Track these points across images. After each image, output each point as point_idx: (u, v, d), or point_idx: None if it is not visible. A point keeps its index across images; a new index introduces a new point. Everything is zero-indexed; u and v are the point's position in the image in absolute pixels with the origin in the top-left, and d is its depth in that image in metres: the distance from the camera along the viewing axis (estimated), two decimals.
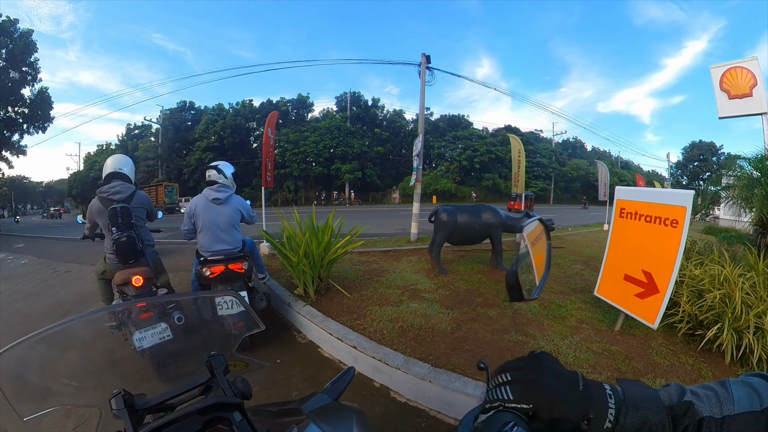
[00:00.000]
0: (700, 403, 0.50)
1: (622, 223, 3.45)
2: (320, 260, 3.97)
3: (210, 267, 3.19)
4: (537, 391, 0.52)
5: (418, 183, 9.16)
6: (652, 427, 0.49)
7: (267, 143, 7.65)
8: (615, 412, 0.50)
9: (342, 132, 38.25)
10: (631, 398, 0.51)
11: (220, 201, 3.37)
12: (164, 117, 41.15)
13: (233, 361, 0.85)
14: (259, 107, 41.50)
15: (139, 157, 39.86)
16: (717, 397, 0.51)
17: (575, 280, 4.99)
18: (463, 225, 5.13)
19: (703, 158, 52.78)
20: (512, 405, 0.52)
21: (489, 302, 3.92)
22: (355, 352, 2.90)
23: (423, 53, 9.33)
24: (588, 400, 0.51)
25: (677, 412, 0.50)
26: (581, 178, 46.58)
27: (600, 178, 13.64)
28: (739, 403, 0.49)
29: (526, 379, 0.53)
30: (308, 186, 38.72)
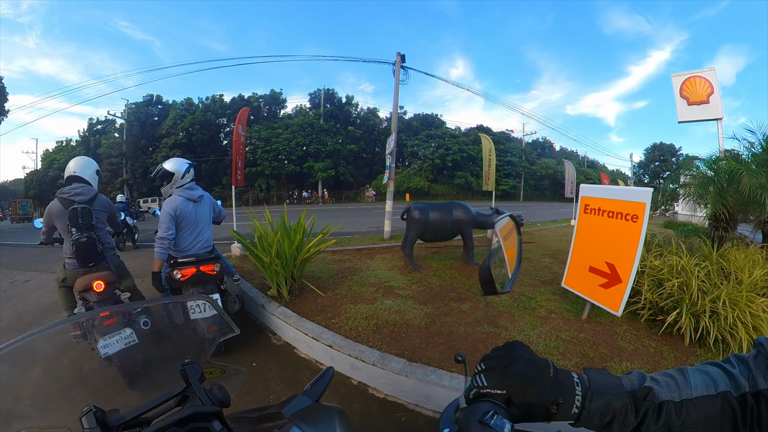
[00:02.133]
0: (660, 389, 0.55)
1: (587, 218, 3.61)
2: (293, 260, 3.91)
3: (181, 269, 3.07)
4: (511, 377, 0.54)
5: (391, 181, 9.17)
6: (615, 411, 0.53)
7: (237, 140, 7.47)
8: (581, 398, 0.53)
9: (315, 129, 37.61)
10: (596, 385, 0.55)
11: (201, 199, 3.32)
12: (129, 111, 38.85)
13: (209, 368, 0.84)
14: (230, 102, 40.14)
15: (101, 155, 37.50)
16: (676, 383, 0.55)
17: (544, 273, 5.17)
18: (435, 222, 5.20)
19: (664, 159, 56.18)
20: (487, 391, 0.54)
21: (462, 297, 4.00)
22: (331, 351, 2.89)
23: (398, 52, 9.39)
24: (558, 386, 0.54)
25: (638, 396, 0.54)
26: (550, 177, 48.31)
27: (567, 176, 14.19)
28: (696, 387, 0.54)
29: (500, 366, 0.56)
30: (280, 185, 37.87)
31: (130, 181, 37.42)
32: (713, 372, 0.56)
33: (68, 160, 3.19)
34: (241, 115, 7.56)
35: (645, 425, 0.53)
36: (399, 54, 9.35)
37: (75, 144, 41.62)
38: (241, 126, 7.55)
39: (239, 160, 7.47)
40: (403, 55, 9.38)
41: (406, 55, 9.44)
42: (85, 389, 0.95)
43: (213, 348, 1.00)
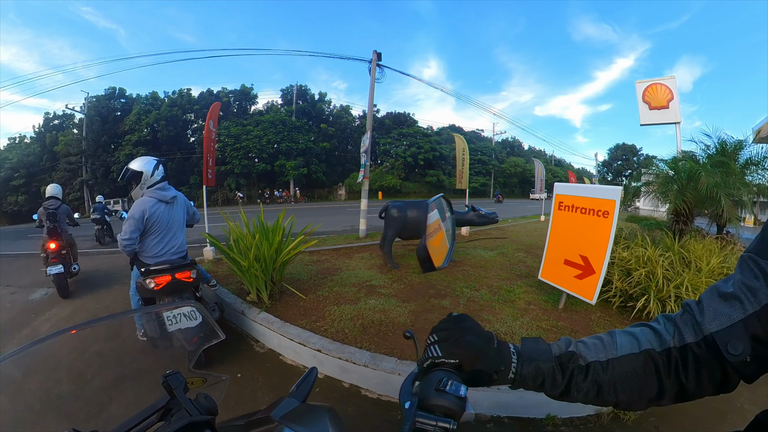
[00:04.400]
0: (587, 351, 0.62)
1: (561, 214, 3.76)
2: (272, 263, 3.76)
3: (154, 278, 2.89)
4: (462, 347, 0.59)
5: (365, 179, 9.14)
6: (544, 373, 0.60)
7: (208, 137, 7.10)
8: (516, 365, 0.60)
9: (287, 126, 36.75)
10: (528, 353, 0.62)
11: (175, 200, 3.16)
12: (89, 105, 35.97)
13: (190, 377, 0.82)
14: (198, 97, 38.37)
15: (59, 153, 34.83)
16: (603, 345, 0.62)
17: (519, 267, 5.34)
18: (413, 220, 5.24)
19: (626, 158, 59.59)
20: (441, 360, 0.59)
21: (441, 293, 4.06)
22: (320, 356, 2.84)
23: (374, 50, 9.31)
24: (500, 355, 0.60)
25: (563, 360, 0.61)
26: (519, 175, 49.88)
27: (537, 174, 14.69)
28: (622, 347, 0.61)
29: (452, 338, 0.60)
30: (251, 183, 36.86)
31: (90, 181, 34.90)
32: (639, 332, 0.62)
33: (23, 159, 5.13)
34: (213, 110, 7.22)
35: (574, 383, 0.60)
36: (375, 52, 9.27)
37: (29, 141, 38.07)
38: (213, 122, 7.20)
39: (210, 158, 7.14)
40: (379, 54, 9.31)
41: (382, 54, 9.43)
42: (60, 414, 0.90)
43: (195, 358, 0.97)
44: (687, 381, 0.56)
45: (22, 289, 5.43)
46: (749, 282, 0.53)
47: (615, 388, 0.59)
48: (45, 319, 4.17)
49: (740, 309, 0.52)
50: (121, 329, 1.05)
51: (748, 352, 0.50)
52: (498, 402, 2.25)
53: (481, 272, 4.90)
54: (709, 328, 0.54)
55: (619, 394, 0.59)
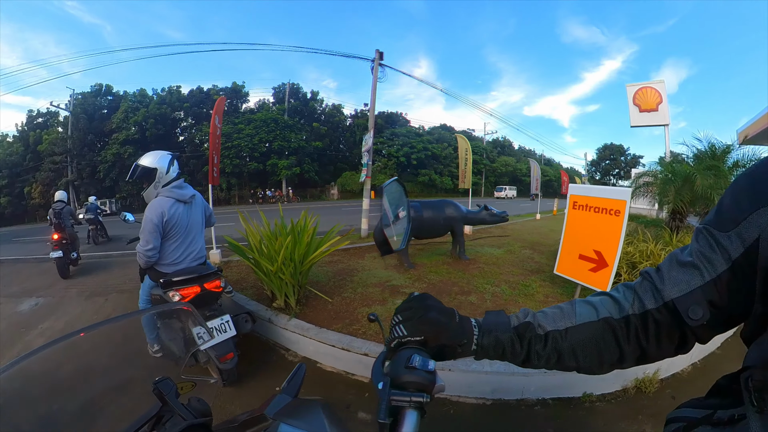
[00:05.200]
0: (546, 321, 0.65)
1: (575, 213, 4.06)
2: (300, 265, 3.61)
3: (179, 290, 2.54)
4: (426, 324, 0.63)
5: (368, 179, 9.28)
6: (503, 344, 0.64)
7: (214, 133, 6.99)
8: (477, 337, 0.64)
9: (279, 125, 36.55)
10: (488, 325, 0.65)
11: (193, 199, 2.89)
12: (75, 103, 35.08)
13: (180, 383, 0.81)
14: (187, 95, 37.82)
15: (43, 152, 33.88)
16: (562, 314, 0.66)
17: (528, 263, 5.63)
18: (429, 220, 5.41)
19: (614, 158, 61.24)
20: (407, 339, 0.62)
21: (465, 290, 4.27)
22: (366, 359, 2.77)
23: (377, 49, 9.40)
24: (462, 329, 0.64)
25: (520, 330, 0.65)
26: (509, 174, 50.75)
27: (532, 174, 15.10)
28: (580, 315, 0.64)
29: (415, 316, 0.64)
30: (242, 183, 36.58)
31: (76, 181, 34.01)
32: (598, 301, 0.66)
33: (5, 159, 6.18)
34: (218, 105, 7.13)
35: (533, 352, 0.64)
36: (377, 51, 9.34)
37: (12, 140, 36.79)
38: (218, 117, 7.05)
39: (215, 155, 7.08)
40: (381, 53, 9.37)
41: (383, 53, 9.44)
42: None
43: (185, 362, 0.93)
44: (648, 345, 0.60)
45: (10, 300, 5.15)
46: (706, 252, 0.56)
47: (575, 355, 0.63)
48: (38, 332, 3.91)
49: (699, 277, 0.55)
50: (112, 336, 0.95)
51: (707, 316, 0.54)
52: (542, 386, 2.49)
53: (495, 269, 5.17)
54: (670, 295, 0.58)
55: (579, 360, 0.63)
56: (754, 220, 0.50)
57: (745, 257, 0.51)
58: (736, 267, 0.52)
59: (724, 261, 0.53)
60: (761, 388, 0.46)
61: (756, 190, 0.52)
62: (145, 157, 2.78)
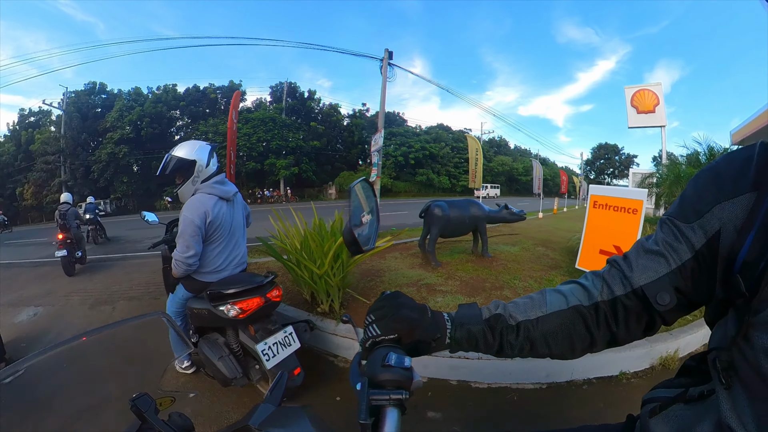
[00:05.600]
0: (517, 311, 0.68)
1: (596, 212, 4.48)
2: (346, 267, 3.56)
3: (236, 302, 2.21)
4: (399, 321, 0.64)
5: (378, 179, 9.47)
6: (476, 336, 0.67)
7: (231, 128, 6.81)
8: (451, 330, 0.66)
9: (277, 124, 36.59)
10: (460, 318, 0.68)
11: (235, 196, 2.60)
12: (68, 101, 34.71)
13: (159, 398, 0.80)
14: (183, 93, 37.77)
15: (35, 152, 33.65)
16: (533, 303, 0.68)
17: (545, 259, 6.03)
18: (455, 219, 5.66)
19: (608, 157, 62.55)
20: (382, 338, 0.63)
21: (497, 286, 4.58)
22: (425, 359, 2.79)
23: (386, 49, 9.74)
24: (435, 324, 0.66)
25: (491, 322, 0.67)
26: (506, 173, 51.49)
27: (535, 174, 15.57)
28: (551, 304, 0.67)
29: (388, 315, 0.65)
30: (239, 183, 35.76)
31: (69, 182, 33.40)
32: (567, 290, 0.69)
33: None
34: (235, 99, 6.96)
35: (506, 342, 0.67)
36: (387, 50, 9.70)
37: (3, 140, 36.49)
38: (235, 112, 6.89)
39: (232, 151, 6.79)
40: (390, 52, 9.69)
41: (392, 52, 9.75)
42: None
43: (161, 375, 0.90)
44: (617, 329, 0.64)
45: (6, 310, 4.78)
46: (671, 241, 0.59)
47: (547, 342, 0.66)
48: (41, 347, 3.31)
49: (665, 264, 0.59)
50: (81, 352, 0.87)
51: (674, 302, 0.58)
52: (585, 367, 2.86)
53: (516, 265, 5.54)
54: (639, 282, 0.61)
55: (552, 347, 0.66)
56: (716, 213, 0.54)
57: (707, 247, 0.55)
58: (699, 256, 0.56)
59: (688, 250, 0.57)
60: (727, 367, 0.50)
61: (718, 185, 0.55)
62: (181, 148, 2.41)
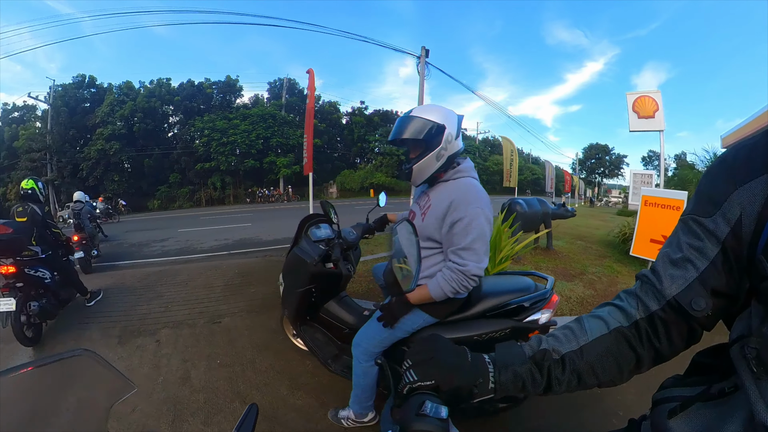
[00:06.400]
0: (558, 344, 0.70)
1: (647, 209, 5.99)
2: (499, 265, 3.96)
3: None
4: (437, 368, 0.66)
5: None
6: (523, 377, 0.67)
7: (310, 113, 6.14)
8: (494, 374, 0.67)
9: (277, 121, 36.58)
10: (502, 360, 0.69)
11: None
12: (55, 95, 33.86)
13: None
14: (178, 88, 37.46)
15: (19, 149, 32.35)
16: (573, 333, 0.71)
17: (591, 251, 7.48)
18: (530, 215, 6.40)
19: (599, 157, 65.70)
20: (418, 384, 0.65)
21: (579, 272, 5.82)
22: None
23: (423, 46, 9.54)
24: (475, 369, 0.67)
25: (537, 359, 0.68)
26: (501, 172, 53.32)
27: (547, 174, 17.25)
28: (591, 331, 0.69)
29: (424, 360, 0.68)
30: (236, 182, 36.67)
31: (56, 180, 32.73)
32: (605, 313, 0.71)
33: None
34: (312, 80, 6.08)
35: (554, 378, 0.68)
36: (423, 48, 9.51)
37: None
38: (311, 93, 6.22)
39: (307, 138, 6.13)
40: (427, 50, 9.54)
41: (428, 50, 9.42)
42: None
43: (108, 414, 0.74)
44: (660, 344, 0.65)
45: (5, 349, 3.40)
46: (693, 243, 0.61)
47: (594, 371, 0.67)
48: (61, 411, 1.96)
49: (693, 269, 0.60)
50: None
51: (710, 305, 0.59)
52: None
53: (575, 256, 6.87)
54: (670, 293, 0.62)
55: (600, 376, 0.67)
56: (734, 199, 0.55)
57: (733, 235, 0.56)
58: (727, 247, 0.57)
59: (714, 245, 0.58)
60: (758, 354, 0.50)
61: (732, 173, 0.57)
62: (427, 110, 1.76)
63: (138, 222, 18.91)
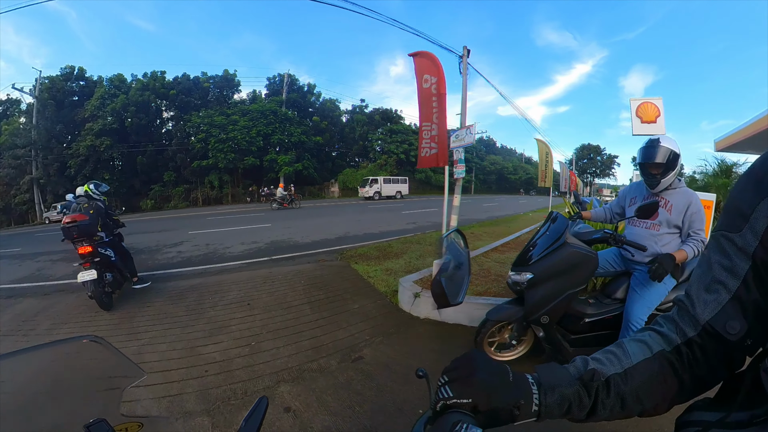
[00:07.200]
0: (603, 367, 0.67)
1: None
2: None
3: None
4: (474, 386, 0.62)
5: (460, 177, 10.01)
6: (570, 399, 0.64)
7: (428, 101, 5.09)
8: (538, 396, 0.63)
9: (279, 117, 36.79)
10: (548, 381, 0.65)
11: None
12: (42, 87, 33.20)
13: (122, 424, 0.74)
14: (173, 81, 37.31)
15: (2, 146, 31.89)
16: (617, 357, 0.69)
17: None
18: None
19: (591, 157, 69.24)
20: (453, 401, 0.62)
21: None
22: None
23: (464, 46, 9.74)
24: (517, 389, 0.63)
25: (585, 380, 0.65)
26: (497, 172, 55.98)
27: (561, 174, 19.05)
28: (634, 355, 0.68)
29: (462, 376, 0.64)
30: (235, 180, 36.81)
31: (41, 179, 32.25)
32: (646, 337, 0.70)
33: None
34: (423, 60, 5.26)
35: (599, 401, 0.65)
36: (465, 48, 9.71)
37: None
38: (433, 77, 5.09)
39: (431, 128, 5.28)
40: (469, 50, 9.73)
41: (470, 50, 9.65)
42: None
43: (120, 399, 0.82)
44: (702, 371, 0.64)
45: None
46: (724, 262, 0.60)
47: (638, 396, 0.65)
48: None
49: (725, 291, 0.60)
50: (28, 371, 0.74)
51: (745, 327, 0.57)
52: None
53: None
54: (704, 317, 0.62)
55: (644, 402, 0.66)
56: (761, 210, 0.55)
57: (762, 247, 0.56)
58: (757, 260, 0.56)
59: (744, 261, 0.58)
60: None
61: (758, 184, 0.57)
62: (669, 142, 2.49)
63: (136, 223, 16.92)
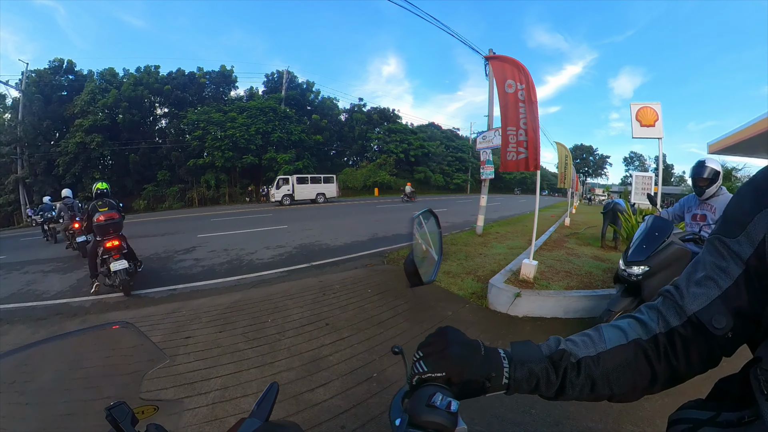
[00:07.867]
0: (576, 348, 0.72)
1: None
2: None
3: None
4: (448, 359, 0.67)
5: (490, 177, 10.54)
6: (538, 375, 0.69)
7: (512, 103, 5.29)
8: (509, 369, 0.68)
9: (278, 115, 36.80)
10: (518, 356, 0.70)
11: None
12: (29, 82, 32.45)
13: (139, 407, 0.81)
14: (167, 77, 36.99)
15: None
16: (591, 340, 0.73)
17: None
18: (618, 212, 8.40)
19: (584, 157, 72.16)
20: (428, 375, 0.66)
21: None
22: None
23: (490, 49, 10.26)
24: (488, 362, 0.68)
25: (554, 359, 0.70)
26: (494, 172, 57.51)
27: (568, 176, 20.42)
28: (610, 340, 0.71)
29: (435, 351, 0.69)
30: (232, 180, 36.60)
31: (27, 179, 31.46)
32: (625, 324, 0.74)
33: None
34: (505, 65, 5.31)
35: (568, 381, 0.69)
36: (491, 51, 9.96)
37: None
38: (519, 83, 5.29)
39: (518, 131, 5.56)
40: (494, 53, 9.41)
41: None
42: None
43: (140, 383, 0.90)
44: (678, 363, 0.67)
45: None
46: (719, 262, 0.64)
47: (609, 381, 0.69)
48: None
49: (716, 287, 0.63)
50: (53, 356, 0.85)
51: (731, 324, 0.61)
52: None
53: None
54: (691, 309, 0.66)
55: (614, 387, 0.69)
56: (760, 220, 0.58)
57: (756, 256, 0.59)
58: (750, 268, 0.60)
59: (738, 265, 0.61)
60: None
61: (758, 194, 0.61)
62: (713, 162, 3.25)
63: (133, 225, 15.62)
